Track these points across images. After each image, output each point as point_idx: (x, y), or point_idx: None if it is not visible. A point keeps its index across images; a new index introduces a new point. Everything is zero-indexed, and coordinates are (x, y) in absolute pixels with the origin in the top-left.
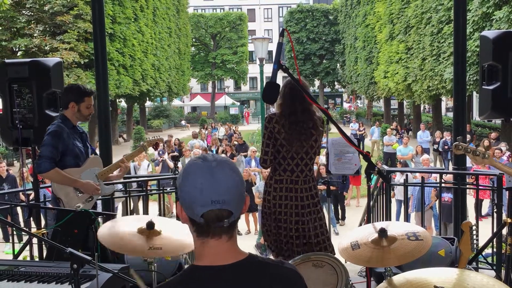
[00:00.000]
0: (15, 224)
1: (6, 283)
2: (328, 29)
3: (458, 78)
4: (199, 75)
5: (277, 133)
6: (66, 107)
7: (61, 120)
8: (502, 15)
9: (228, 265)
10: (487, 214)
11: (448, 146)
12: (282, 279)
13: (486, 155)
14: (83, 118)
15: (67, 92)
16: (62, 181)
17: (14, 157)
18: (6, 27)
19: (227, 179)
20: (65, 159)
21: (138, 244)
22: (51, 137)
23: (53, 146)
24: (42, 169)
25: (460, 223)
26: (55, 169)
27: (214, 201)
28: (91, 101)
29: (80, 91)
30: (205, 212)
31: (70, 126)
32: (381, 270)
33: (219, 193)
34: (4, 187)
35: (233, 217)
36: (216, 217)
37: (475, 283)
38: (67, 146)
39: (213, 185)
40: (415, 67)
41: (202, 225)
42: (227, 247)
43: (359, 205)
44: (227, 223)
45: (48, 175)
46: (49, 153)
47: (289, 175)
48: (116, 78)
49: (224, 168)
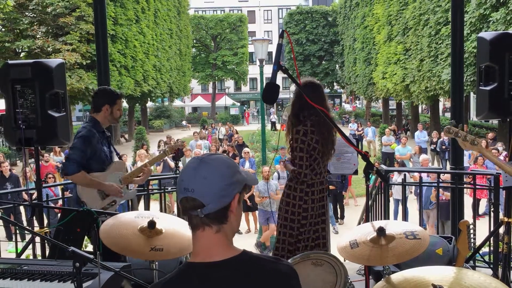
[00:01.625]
0: (18, 223)
1: (10, 281)
2: (327, 31)
3: (456, 79)
4: (200, 76)
5: (315, 143)
6: (99, 110)
7: (92, 124)
8: (499, 17)
9: (220, 261)
10: (484, 213)
11: (446, 146)
12: (277, 275)
13: (475, 142)
14: (114, 121)
15: (101, 96)
16: (88, 184)
17: (17, 157)
18: (9, 29)
19: (205, 171)
20: (91, 163)
21: (139, 245)
22: (82, 142)
23: (82, 150)
24: (69, 171)
25: (458, 222)
26: (81, 172)
27: (186, 189)
28: (121, 103)
29: (113, 94)
30: (181, 199)
31: (101, 130)
32: (379, 269)
33: (192, 182)
34: (7, 187)
35: (207, 209)
36: (190, 206)
37: (472, 281)
38: (95, 151)
39: (190, 174)
40: (413, 68)
41: (184, 214)
42: (216, 241)
43: (358, 204)
44: (201, 213)
45: (74, 177)
46: (77, 157)
47: (319, 177)
48: (118, 79)
49: (208, 163)
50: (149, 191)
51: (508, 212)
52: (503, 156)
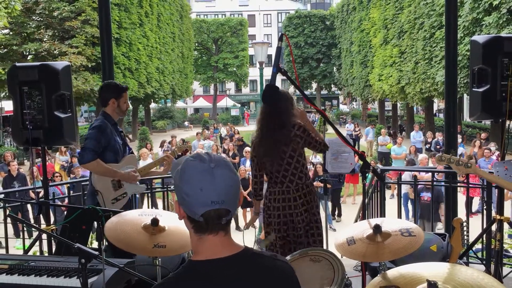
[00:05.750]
0: (26, 220)
1: (17, 277)
2: (325, 34)
3: (449, 81)
4: (202, 78)
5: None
6: (106, 104)
7: (104, 117)
8: (491, 21)
9: (224, 258)
10: (477, 211)
11: (440, 146)
12: (277, 271)
13: (468, 164)
14: (122, 113)
15: (106, 90)
16: (103, 172)
17: (24, 157)
18: (17, 32)
19: (225, 180)
20: (105, 154)
21: (143, 242)
22: (96, 131)
23: (96, 139)
24: (85, 159)
25: (452, 220)
26: (96, 160)
27: (214, 202)
28: (127, 96)
29: (118, 88)
30: (205, 212)
31: (112, 122)
32: (375, 265)
33: (219, 194)
34: (15, 185)
35: (230, 215)
36: (216, 216)
37: (465, 277)
38: (109, 141)
39: (212, 186)
40: (408, 70)
41: (201, 224)
42: (223, 241)
43: (355, 203)
44: (225, 221)
45: (90, 165)
46: (92, 145)
47: (280, 186)
48: (122, 81)
49: (222, 169)
50: (152, 189)
51: (500, 210)
52: (496, 155)
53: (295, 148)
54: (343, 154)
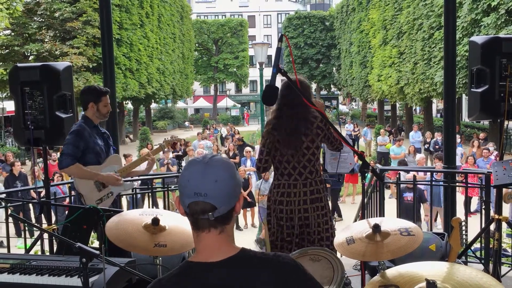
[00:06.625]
0: (27, 220)
1: (19, 276)
2: (324, 35)
3: (448, 81)
4: (202, 78)
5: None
6: (86, 108)
7: (83, 120)
8: (490, 22)
9: (219, 262)
10: (476, 211)
11: (439, 146)
12: (275, 271)
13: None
14: (102, 117)
15: (86, 94)
16: (83, 175)
17: (26, 157)
18: (18, 33)
19: (215, 175)
20: (86, 157)
21: (143, 241)
22: (73, 136)
23: (74, 144)
24: (63, 165)
25: (450, 219)
26: (75, 165)
27: (196, 193)
28: (107, 100)
29: (97, 92)
30: (190, 204)
31: (92, 125)
32: (375, 264)
33: (203, 187)
34: (17, 185)
35: (218, 212)
36: (200, 210)
37: (464, 276)
38: (88, 144)
39: (199, 179)
40: (407, 70)
41: (191, 219)
42: (218, 241)
43: (354, 202)
44: (211, 216)
45: (69, 170)
46: (70, 151)
47: (287, 179)
48: (123, 81)
49: (215, 167)
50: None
51: (498, 210)
52: (494, 155)
53: (314, 139)
54: (342, 154)
